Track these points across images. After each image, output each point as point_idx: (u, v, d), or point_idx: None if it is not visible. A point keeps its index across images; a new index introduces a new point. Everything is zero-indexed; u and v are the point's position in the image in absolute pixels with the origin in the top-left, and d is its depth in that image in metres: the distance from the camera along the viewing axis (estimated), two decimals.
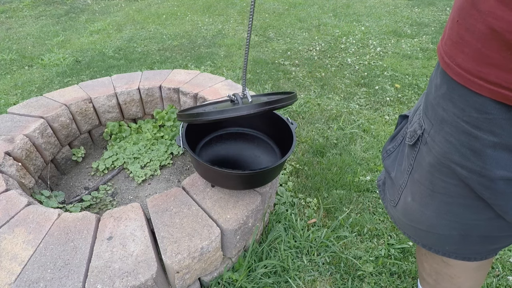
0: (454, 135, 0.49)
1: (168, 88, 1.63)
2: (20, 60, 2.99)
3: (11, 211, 0.96)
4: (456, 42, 0.45)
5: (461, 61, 0.45)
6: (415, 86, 2.38)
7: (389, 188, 0.73)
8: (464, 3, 0.43)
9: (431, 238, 0.66)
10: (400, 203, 0.69)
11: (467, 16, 0.42)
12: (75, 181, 1.51)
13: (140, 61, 2.90)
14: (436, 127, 0.53)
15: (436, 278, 0.80)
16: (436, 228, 0.62)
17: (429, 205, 0.60)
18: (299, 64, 2.78)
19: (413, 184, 0.63)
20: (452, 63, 0.46)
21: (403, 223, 0.71)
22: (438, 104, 0.52)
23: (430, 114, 0.54)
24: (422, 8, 4.12)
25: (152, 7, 4.60)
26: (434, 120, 0.53)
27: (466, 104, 0.46)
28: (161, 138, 1.67)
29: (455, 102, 0.48)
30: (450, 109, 0.49)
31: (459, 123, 0.48)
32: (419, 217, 0.64)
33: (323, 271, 1.16)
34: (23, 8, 4.65)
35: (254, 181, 1.00)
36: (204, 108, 1.05)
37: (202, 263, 0.95)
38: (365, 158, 1.70)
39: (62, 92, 1.57)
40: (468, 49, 0.43)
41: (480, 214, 0.55)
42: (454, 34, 0.46)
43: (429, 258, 0.78)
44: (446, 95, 0.50)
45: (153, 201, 1.03)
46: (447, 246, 0.64)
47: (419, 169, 0.60)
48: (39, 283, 0.78)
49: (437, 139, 0.53)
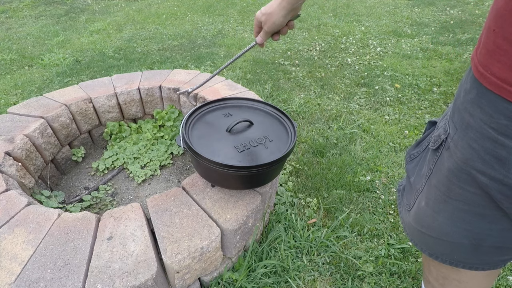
0: (479, 141, 0.49)
1: (168, 88, 1.63)
2: (20, 60, 2.99)
3: (11, 211, 0.96)
4: (493, 51, 0.44)
5: (497, 70, 0.44)
6: (415, 86, 2.38)
7: (407, 193, 0.73)
8: (502, 11, 0.43)
9: (440, 246, 0.65)
10: (414, 208, 0.68)
11: (505, 25, 0.42)
12: (75, 181, 1.51)
13: (140, 61, 2.90)
14: (460, 133, 0.52)
15: (443, 282, 0.79)
16: (447, 235, 0.61)
17: (442, 211, 0.60)
18: (299, 64, 2.78)
19: (430, 189, 0.62)
20: (486, 72, 0.46)
21: (413, 229, 0.70)
22: (465, 109, 0.51)
23: (456, 119, 0.54)
24: (422, 8, 4.12)
25: (152, 7, 4.60)
26: (459, 125, 0.53)
27: (495, 110, 0.45)
28: (161, 138, 1.67)
29: (483, 108, 0.47)
30: (477, 115, 0.48)
31: (486, 129, 0.47)
32: (430, 222, 0.63)
33: (323, 271, 1.16)
34: (23, 8, 4.65)
35: (254, 180, 1.00)
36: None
37: (202, 263, 0.95)
38: (365, 158, 1.70)
39: (62, 92, 1.57)
40: (506, 58, 0.42)
41: (495, 224, 0.54)
42: (490, 43, 0.45)
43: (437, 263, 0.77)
44: (474, 100, 0.49)
45: (153, 201, 1.03)
46: (456, 255, 0.64)
47: (438, 174, 0.59)
48: (39, 283, 0.78)
49: (460, 145, 0.52)
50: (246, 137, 1.05)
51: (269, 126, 1.11)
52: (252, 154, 0.99)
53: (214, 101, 1.18)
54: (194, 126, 1.08)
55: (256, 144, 1.02)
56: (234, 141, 1.03)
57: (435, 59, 2.78)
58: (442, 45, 3.04)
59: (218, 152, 0.98)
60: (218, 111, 1.16)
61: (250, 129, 1.08)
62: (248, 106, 1.20)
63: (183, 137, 0.99)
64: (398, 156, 1.71)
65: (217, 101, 1.18)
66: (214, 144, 1.01)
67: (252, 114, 1.16)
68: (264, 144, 1.03)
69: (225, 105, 1.19)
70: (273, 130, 1.09)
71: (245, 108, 1.19)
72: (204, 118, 1.13)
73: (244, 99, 1.21)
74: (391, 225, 1.33)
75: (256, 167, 0.91)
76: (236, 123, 1.05)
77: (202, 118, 1.13)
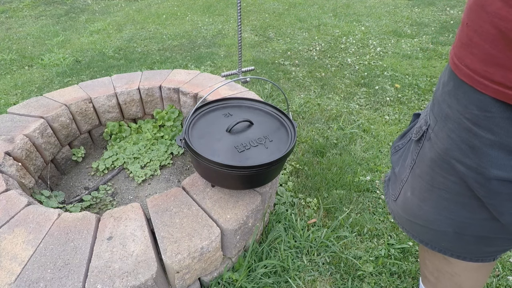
0: (456, 131, 0.50)
1: (168, 88, 1.63)
2: (20, 60, 2.99)
3: (11, 211, 0.96)
4: (466, 44, 0.46)
5: (470, 62, 0.46)
6: (415, 86, 2.38)
7: (392, 183, 0.75)
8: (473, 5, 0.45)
9: (427, 233, 0.67)
10: (400, 198, 0.70)
11: (476, 18, 0.44)
12: (75, 181, 1.51)
13: (140, 61, 2.90)
14: (440, 123, 0.54)
15: (437, 276, 0.80)
16: (432, 223, 0.63)
17: (427, 200, 0.62)
18: (299, 64, 2.78)
19: (414, 179, 0.64)
20: (461, 64, 0.48)
21: (402, 218, 0.72)
22: (444, 101, 0.53)
23: (436, 110, 0.55)
24: (422, 8, 4.12)
25: (152, 7, 4.60)
26: (439, 117, 0.54)
27: (469, 101, 0.47)
28: (161, 138, 1.67)
29: (459, 99, 0.49)
30: (454, 106, 0.50)
31: (462, 119, 0.49)
32: (417, 211, 0.65)
33: (323, 271, 1.16)
34: (23, 8, 4.65)
35: (255, 180, 1.00)
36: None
37: (202, 263, 0.95)
38: (365, 158, 1.70)
39: (62, 92, 1.57)
40: (477, 50, 0.44)
41: (475, 213, 0.55)
42: (464, 36, 0.47)
43: (432, 255, 0.78)
44: (451, 92, 0.51)
45: (153, 201, 1.03)
46: (443, 242, 0.65)
47: (421, 164, 0.61)
48: (39, 283, 0.78)
49: (440, 135, 0.54)
50: (246, 137, 1.04)
51: (269, 126, 1.11)
52: (252, 154, 0.99)
53: (214, 101, 1.18)
54: (194, 126, 1.08)
55: (256, 144, 1.02)
56: (234, 141, 1.03)
57: (435, 59, 2.78)
58: (442, 45, 3.04)
59: (218, 152, 0.98)
60: (218, 111, 1.16)
61: (250, 129, 1.08)
62: (248, 106, 1.20)
63: (183, 137, 0.99)
64: None
65: (217, 101, 1.18)
66: (214, 144, 1.01)
67: (252, 114, 1.16)
68: (264, 144, 1.02)
69: (225, 105, 1.19)
70: (273, 130, 1.09)
71: (245, 108, 1.19)
72: (205, 118, 1.13)
73: (244, 99, 1.21)
74: (391, 225, 1.33)
75: (256, 167, 0.90)
76: (236, 123, 1.05)
77: (202, 118, 1.12)
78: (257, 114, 1.17)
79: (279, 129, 1.10)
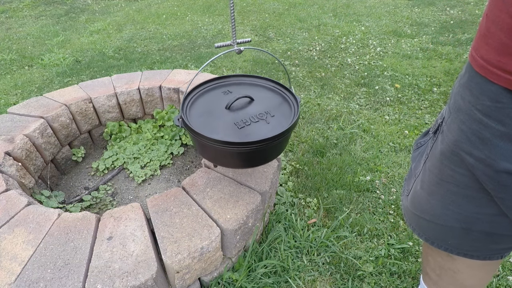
0: (467, 123, 0.50)
1: (168, 88, 1.63)
2: (20, 60, 2.99)
3: (11, 211, 0.96)
4: (483, 35, 0.46)
5: (485, 52, 0.46)
6: (415, 86, 2.38)
7: (408, 179, 0.75)
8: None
9: (434, 230, 0.66)
10: (411, 192, 0.70)
11: (494, 8, 0.44)
12: (75, 181, 1.51)
13: (140, 61, 2.90)
14: (453, 116, 0.54)
15: (439, 273, 0.80)
16: (438, 218, 0.63)
17: (435, 193, 0.61)
18: (299, 64, 2.78)
19: (425, 172, 0.64)
20: (477, 55, 0.48)
21: (410, 213, 0.72)
22: (458, 93, 0.53)
23: (451, 103, 0.56)
24: (422, 8, 4.12)
25: (152, 7, 4.60)
26: (453, 109, 0.54)
27: (481, 92, 0.47)
28: (161, 138, 1.67)
29: (472, 91, 0.49)
30: (467, 98, 0.50)
31: (473, 111, 0.49)
32: (424, 205, 0.65)
33: (323, 271, 1.16)
34: (23, 8, 4.65)
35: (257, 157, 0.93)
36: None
37: (202, 263, 0.95)
38: (365, 158, 1.70)
39: (62, 92, 1.58)
40: (492, 40, 0.44)
41: (483, 208, 0.55)
42: (483, 27, 0.47)
43: (435, 252, 0.78)
44: (466, 84, 0.51)
45: (153, 201, 1.03)
46: (449, 240, 0.64)
47: (432, 158, 0.61)
48: (39, 283, 0.78)
49: (452, 127, 0.54)
50: (247, 113, 0.98)
51: (271, 101, 1.05)
52: (252, 130, 0.93)
53: (213, 79, 1.12)
54: (192, 105, 1.03)
55: (257, 119, 0.96)
56: (234, 118, 0.97)
57: (435, 59, 2.78)
58: (442, 45, 3.04)
59: (217, 130, 0.93)
60: (218, 90, 1.11)
61: (251, 106, 1.02)
62: (248, 83, 1.14)
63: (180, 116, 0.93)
64: (398, 156, 1.71)
65: (216, 79, 1.13)
66: (213, 122, 0.96)
67: (253, 91, 1.10)
68: (266, 119, 0.97)
69: (224, 83, 1.13)
70: (275, 106, 1.03)
71: (245, 85, 1.14)
72: (203, 96, 1.08)
73: (244, 76, 1.16)
74: (391, 225, 1.33)
75: (257, 143, 0.85)
76: (235, 99, 0.99)
77: (201, 97, 1.07)
78: (258, 90, 1.11)
79: (282, 104, 1.04)
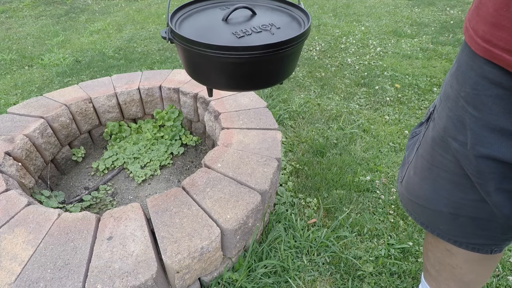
0: (453, 109, 0.53)
1: (168, 88, 1.63)
2: (20, 60, 2.99)
3: (11, 211, 0.96)
4: (476, 7, 0.48)
5: (475, 23, 0.47)
6: (415, 86, 2.38)
7: (402, 167, 0.77)
8: None
9: (426, 214, 0.69)
10: (405, 178, 0.72)
11: None
12: (75, 181, 1.51)
13: (140, 61, 2.90)
14: (443, 104, 0.56)
15: (438, 268, 0.81)
16: (429, 203, 0.65)
17: (427, 178, 0.63)
18: (299, 64, 2.78)
19: (417, 158, 0.66)
20: (469, 26, 0.49)
21: (405, 198, 0.74)
22: (448, 83, 0.56)
23: (442, 92, 0.58)
24: (422, 8, 4.12)
25: (152, 7, 4.60)
26: (443, 98, 0.57)
27: (464, 80, 0.50)
28: (161, 138, 1.67)
29: (458, 79, 0.52)
30: (454, 86, 0.53)
31: (458, 98, 0.52)
32: (417, 190, 0.67)
33: (323, 271, 1.16)
34: (23, 8, 4.65)
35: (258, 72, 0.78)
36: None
37: (202, 263, 0.95)
38: (365, 158, 1.70)
39: (62, 92, 1.58)
40: (482, 11, 0.45)
41: (467, 194, 0.57)
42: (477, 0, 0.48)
43: (434, 247, 0.79)
44: (453, 73, 0.54)
45: (153, 201, 1.03)
46: (440, 225, 0.67)
47: (424, 144, 0.63)
48: (39, 283, 0.78)
49: (442, 115, 0.56)
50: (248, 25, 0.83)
51: (277, 17, 0.88)
52: (254, 39, 0.77)
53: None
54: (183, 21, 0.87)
55: (260, 30, 0.80)
56: (233, 29, 0.81)
57: (435, 59, 2.78)
58: (442, 45, 3.04)
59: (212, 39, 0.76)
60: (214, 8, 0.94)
61: (253, 20, 0.85)
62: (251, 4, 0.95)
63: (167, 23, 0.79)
64: (398, 156, 1.71)
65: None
66: (207, 33, 0.80)
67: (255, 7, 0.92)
68: (270, 30, 0.80)
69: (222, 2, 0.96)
70: (281, 20, 0.86)
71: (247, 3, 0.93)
72: (196, 15, 0.91)
73: None
74: (391, 225, 1.34)
75: (259, 48, 0.69)
76: (234, 8, 0.82)
77: (193, 15, 0.91)
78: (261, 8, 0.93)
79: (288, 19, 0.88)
